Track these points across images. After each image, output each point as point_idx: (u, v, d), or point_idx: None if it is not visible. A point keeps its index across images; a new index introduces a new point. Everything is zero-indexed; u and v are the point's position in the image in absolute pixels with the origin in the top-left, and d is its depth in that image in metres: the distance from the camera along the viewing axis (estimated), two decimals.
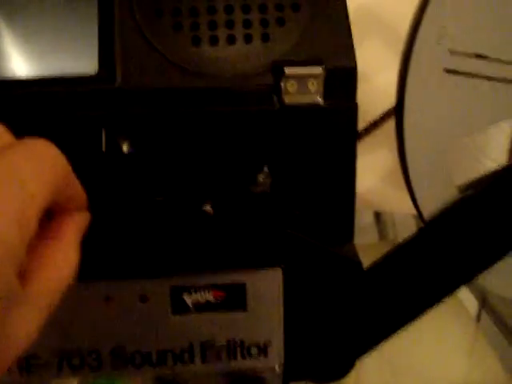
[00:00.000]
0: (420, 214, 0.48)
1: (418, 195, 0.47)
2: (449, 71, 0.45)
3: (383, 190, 0.60)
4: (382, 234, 0.81)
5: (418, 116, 0.46)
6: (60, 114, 0.43)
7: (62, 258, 0.33)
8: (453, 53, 0.44)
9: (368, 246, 0.67)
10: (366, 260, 0.48)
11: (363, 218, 0.81)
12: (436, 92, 0.45)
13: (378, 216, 0.82)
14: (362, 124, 0.53)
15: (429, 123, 0.46)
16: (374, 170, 0.65)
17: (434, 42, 0.44)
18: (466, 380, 0.59)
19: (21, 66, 0.44)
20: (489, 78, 0.45)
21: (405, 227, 0.72)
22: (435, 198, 0.48)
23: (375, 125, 0.50)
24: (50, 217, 0.34)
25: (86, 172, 0.42)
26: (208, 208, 0.44)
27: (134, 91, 0.43)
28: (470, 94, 0.46)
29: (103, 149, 0.43)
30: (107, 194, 0.44)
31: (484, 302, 0.68)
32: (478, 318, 0.65)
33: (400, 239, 0.70)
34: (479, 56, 0.45)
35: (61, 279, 0.33)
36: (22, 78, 0.43)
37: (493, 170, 0.47)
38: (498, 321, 0.66)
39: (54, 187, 0.32)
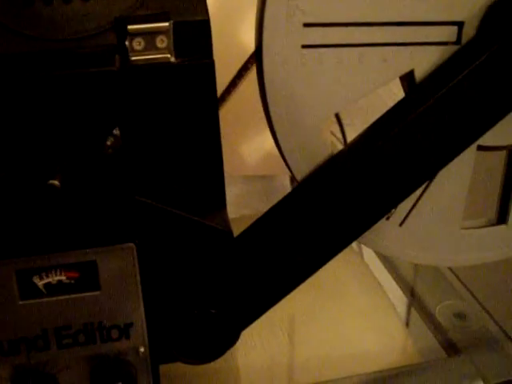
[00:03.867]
0: (294, 177, 0.45)
1: (288, 159, 0.44)
2: (306, 46, 0.41)
3: None
4: None
5: (280, 91, 0.42)
6: None
7: None
8: (307, 25, 0.41)
9: None
10: None
11: (279, 182, 0.78)
12: (297, 69, 0.41)
13: (293, 180, 0.78)
14: None
15: (294, 97, 0.42)
16: None
17: (284, 19, 0.40)
18: (379, 359, 0.56)
19: None
20: (354, 45, 0.42)
21: None
22: (307, 161, 0.44)
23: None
24: None
25: None
26: (55, 182, 0.41)
27: None
28: (336, 65, 0.42)
29: None
30: None
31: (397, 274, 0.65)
32: (407, 319, 0.63)
33: None
34: (338, 24, 0.41)
35: None
36: None
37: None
38: (412, 297, 0.63)
39: None
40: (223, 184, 0.45)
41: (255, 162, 0.70)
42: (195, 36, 0.41)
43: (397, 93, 0.47)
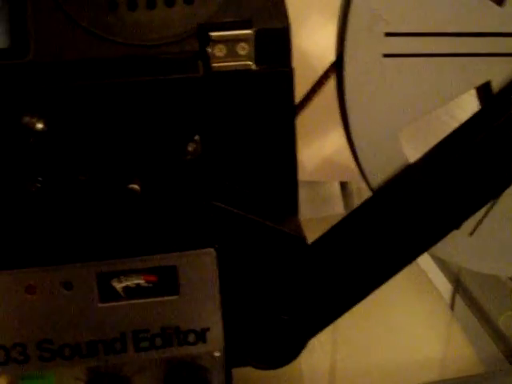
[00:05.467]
0: (368, 185, 0.45)
1: (364, 166, 0.44)
2: (387, 55, 0.41)
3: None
4: (348, 204, 0.78)
5: (360, 99, 0.42)
6: None
7: None
8: (389, 35, 0.41)
9: (334, 218, 0.64)
10: None
11: (329, 189, 0.78)
12: (378, 77, 0.42)
13: (343, 186, 0.78)
14: None
15: (373, 106, 0.42)
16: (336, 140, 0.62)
17: (367, 28, 0.41)
18: (441, 368, 0.56)
19: None
20: (433, 55, 0.42)
21: None
22: (382, 168, 0.44)
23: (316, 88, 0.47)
24: None
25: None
26: (134, 186, 0.41)
27: (48, 64, 0.40)
28: (415, 75, 0.42)
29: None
30: (26, 176, 0.41)
31: (458, 285, 0.65)
32: (452, 304, 0.62)
33: None
34: (419, 34, 0.41)
35: None
36: None
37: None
38: (473, 306, 0.63)
39: None
40: (297, 191, 0.45)
41: (308, 167, 0.70)
42: (276, 43, 0.41)
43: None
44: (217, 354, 0.44)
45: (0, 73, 0.40)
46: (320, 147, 0.66)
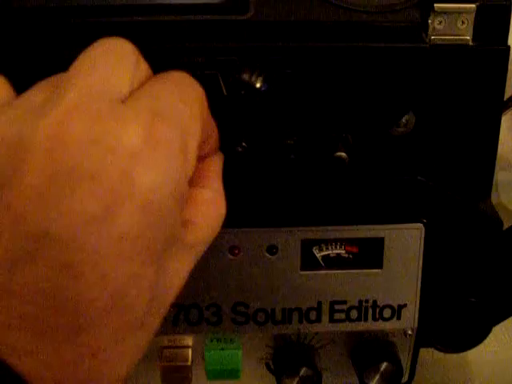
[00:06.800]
0: None
1: None
2: None
3: None
4: None
5: None
6: (186, 43, 0.39)
7: (215, 208, 0.32)
8: None
9: None
10: None
11: None
12: None
13: None
14: None
15: None
16: None
17: None
18: None
19: None
20: None
21: (507, 189, 0.68)
22: None
23: None
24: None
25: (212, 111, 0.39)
26: (342, 154, 0.40)
27: (267, 23, 0.39)
28: None
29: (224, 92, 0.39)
30: (236, 136, 0.40)
31: None
32: None
33: (504, 202, 0.66)
34: None
35: (213, 228, 0.31)
36: (144, 3, 0.39)
37: None
38: None
39: (202, 121, 0.29)
40: (493, 172, 0.44)
41: None
42: (496, 20, 0.40)
43: None
44: (409, 331, 0.43)
45: (219, 28, 0.39)
46: None
